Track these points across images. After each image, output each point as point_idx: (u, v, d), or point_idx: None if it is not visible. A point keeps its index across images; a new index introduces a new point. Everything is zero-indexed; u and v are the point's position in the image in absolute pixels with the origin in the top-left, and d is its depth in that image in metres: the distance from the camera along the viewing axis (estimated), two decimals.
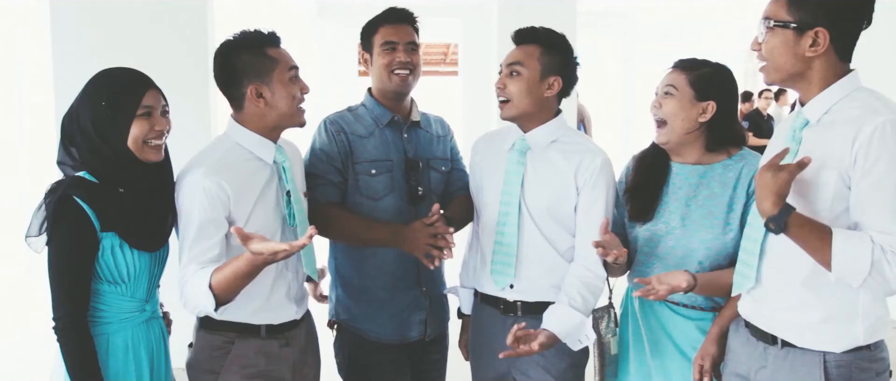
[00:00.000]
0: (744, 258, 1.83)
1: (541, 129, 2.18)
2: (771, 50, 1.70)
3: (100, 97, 1.84)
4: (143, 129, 1.84)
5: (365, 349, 2.36)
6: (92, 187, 1.82)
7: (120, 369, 1.86)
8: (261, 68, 1.97)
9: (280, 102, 1.99)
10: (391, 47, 2.34)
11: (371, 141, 2.34)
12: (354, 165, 2.30)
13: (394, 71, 2.33)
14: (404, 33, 2.36)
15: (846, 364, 1.68)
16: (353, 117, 2.38)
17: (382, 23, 2.37)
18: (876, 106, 1.62)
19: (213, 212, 1.89)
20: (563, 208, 2.14)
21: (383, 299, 2.34)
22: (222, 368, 1.99)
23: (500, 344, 2.19)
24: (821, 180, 1.64)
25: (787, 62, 1.69)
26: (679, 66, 2.05)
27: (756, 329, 1.81)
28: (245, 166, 1.99)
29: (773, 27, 1.69)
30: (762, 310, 1.79)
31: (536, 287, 2.18)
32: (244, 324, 2.00)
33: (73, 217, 1.78)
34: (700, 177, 2.04)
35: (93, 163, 1.84)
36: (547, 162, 2.16)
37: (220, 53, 2.01)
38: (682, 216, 2.03)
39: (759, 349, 1.80)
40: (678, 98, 2.00)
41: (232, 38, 2.02)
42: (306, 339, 2.17)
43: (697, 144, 2.05)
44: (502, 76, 2.17)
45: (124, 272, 1.85)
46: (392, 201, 2.32)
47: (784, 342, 1.75)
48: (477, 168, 2.33)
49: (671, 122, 2.02)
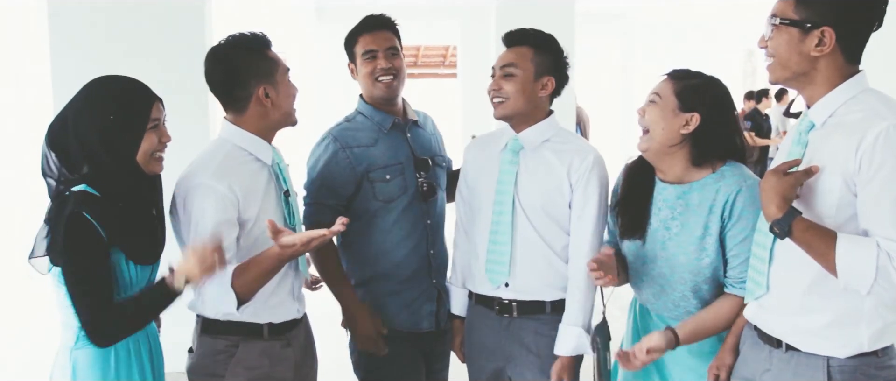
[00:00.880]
0: (755, 265, 1.81)
1: (533, 129, 2.19)
2: (776, 47, 1.69)
3: (106, 110, 1.80)
4: (152, 142, 1.83)
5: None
6: (97, 202, 1.78)
7: (123, 370, 1.85)
8: (266, 69, 2.00)
9: (284, 102, 2.04)
10: (371, 56, 2.38)
11: (378, 148, 2.36)
12: (368, 174, 2.33)
13: (377, 78, 2.37)
14: (383, 39, 2.39)
15: (851, 370, 1.65)
16: (353, 128, 2.39)
17: (360, 32, 2.41)
18: (880, 110, 1.59)
19: (226, 214, 1.91)
20: (558, 206, 2.16)
21: (397, 290, 2.39)
22: (227, 371, 1.99)
23: (495, 344, 2.20)
24: (825, 187, 1.62)
25: (793, 61, 1.67)
26: (670, 75, 2.00)
27: (762, 332, 1.80)
28: (247, 169, 2.00)
29: (780, 25, 1.68)
30: (767, 313, 1.78)
31: (531, 286, 2.18)
32: (247, 324, 2.00)
33: (88, 235, 1.73)
34: (677, 198, 1.98)
35: (92, 175, 1.80)
36: (540, 160, 2.18)
37: (222, 55, 2.00)
38: (663, 240, 1.99)
39: (765, 352, 1.79)
40: (660, 106, 1.95)
41: (231, 40, 2.00)
42: (305, 339, 2.20)
43: (680, 157, 1.97)
44: (496, 78, 2.19)
45: (126, 283, 1.83)
46: (405, 201, 2.36)
47: (788, 345, 1.73)
48: (469, 169, 2.34)
49: (652, 130, 1.96)
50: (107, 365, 1.82)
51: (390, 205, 2.35)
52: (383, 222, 2.36)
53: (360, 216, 2.35)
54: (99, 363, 1.81)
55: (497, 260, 2.18)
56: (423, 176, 2.41)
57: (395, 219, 2.36)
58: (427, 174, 2.42)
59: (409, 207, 2.37)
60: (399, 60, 2.41)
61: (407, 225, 2.38)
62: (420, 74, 13.58)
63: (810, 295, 1.68)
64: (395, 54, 2.40)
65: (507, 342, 2.21)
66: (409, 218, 2.37)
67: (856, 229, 1.60)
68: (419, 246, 2.40)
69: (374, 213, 2.35)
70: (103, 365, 1.81)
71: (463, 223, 2.35)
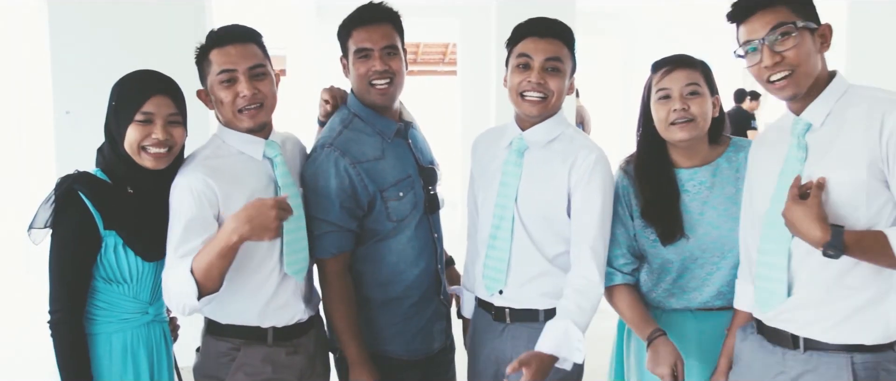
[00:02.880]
0: (768, 274, 1.74)
1: (541, 127, 2.07)
2: (800, 56, 1.65)
3: (113, 97, 1.87)
4: (138, 134, 1.83)
5: (391, 369, 2.19)
6: (100, 185, 1.83)
7: (117, 370, 1.85)
8: (203, 72, 1.99)
9: (219, 109, 1.98)
10: (365, 55, 2.07)
11: (386, 162, 2.11)
12: (381, 193, 2.08)
13: (371, 82, 2.08)
14: (379, 36, 2.07)
15: (873, 366, 1.63)
16: (355, 138, 2.10)
17: (354, 25, 2.09)
18: (883, 96, 1.62)
19: (200, 211, 1.84)
20: (558, 214, 2.05)
21: (408, 315, 2.20)
22: (228, 375, 1.95)
23: (490, 350, 2.17)
24: (850, 184, 1.61)
25: (816, 65, 1.67)
26: (684, 63, 1.99)
27: (774, 332, 1.75)
28: (233, 164, 1.95)
29: (801, 29, 1.65)
30: (783, 310, 1.73)
31: (524, 295, 2.10)
32: (251, 328, 1.96)
33: (75, 212, 1.78)
34: (712, 176, 2.00)
35: (105, 158, 1.88)
36: (544, 163, 2.07)
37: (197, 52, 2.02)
38: (711, 221, 1.98)
39: (777, 356, 1.75)
40: (704, 95, 1.97)
41: None
42: (315, 346, 2.11)
43: (704, 140, 2.03)
44: (538, 72, 1.99)
45: (126, 273, 1.84)
46: (416, 218, 2.16)
47: (807, 343, 1.69)
48: (475, 168, 2.28)
49: (700, 120, 1.96)
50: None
51: (402, 224, 2.13)
52: (396, 242, 2.14)
53: (368, 239, 2.13)
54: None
55: (494, 267, 2.12)
56: (432, 188, 2.22)
57: (408, 238, 2.15)
58: (433, 184, 2.24)
59: (419, 223, 2.17)
60: (397, 61, 2.11)
61: (418, 244, 2.17)
62: (419, 71, 13.55)
63: (838, 286, 1.65)
64: (393, 54, 2.10)
65: (502, 347, 2.16)
66: (420, 235, 2.17)
67: (891, 215, 1.60)
68: (430, 264, 2.21)
69: (386, 234, 2.13)
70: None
71: (469, 223, 2.31)
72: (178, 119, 1.89)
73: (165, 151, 1.86)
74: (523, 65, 2.03)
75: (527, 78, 2.01)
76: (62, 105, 3.92)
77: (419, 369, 2.25)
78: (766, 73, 1.68)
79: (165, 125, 1.85)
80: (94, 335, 1.83)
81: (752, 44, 1.69)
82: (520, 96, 2.04)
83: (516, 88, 2.04)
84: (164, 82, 1.88)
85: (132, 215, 1.84)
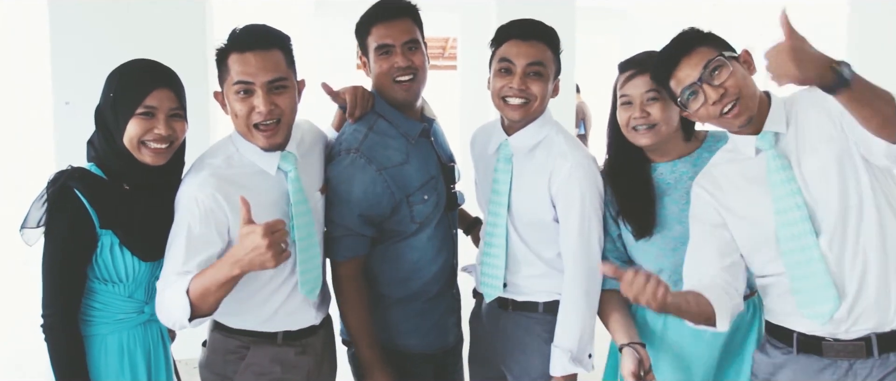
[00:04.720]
0: (811, 285, 1.68)
1: (524, 132, 2.05)
2: (740, 83, 1.69)
3: (110, 87, 1.77)
4: (139, 129, 1.74)
5: (407, 363, 2.18)
6: (95, 181, 1.75)
7: (113, 371, 1.79)
8: (221, 76, 1.89)
9: (232, 119, 1.89)
10: (386, 51, 2.04)
11: (412, 165, 2.07)
12: (407, 198, 2.06)
13: (395, 79, 2.05)
14: (400, 31, 2.05)
15: None
16: (381, 142, 2.05)
17: (374, 21, 2.06)
18: (797, 92, 1.71)
19: (204, 228, 1.74)
20: (547, 221, 2.04)
21: (424, 311, 2.18)
22: (236, 373, 1.92)
23: (493, 336, 2.18)
24: (831, 163, 1.65)
25: (755, 87, 1.72)
26: (646, 68, 1.91)
27: (830, 347, 1.69)
28: (245, 177, 1.84)
29: (729, 59, 1.69)
30: (842, 315, 1.66)
31: (526, 291, 2.12)
32: (260, 332, 1.93)
33: (70, 210, 1.70)
34: (693, 167, 1.97)
35: (97, 152, 1.79)
36: (529, 173, 2.06)
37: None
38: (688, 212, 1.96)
39: (841, 371, 1.69)
40: (665, 98, 1.90)
41: None
42: (323, 347, 2.08)
43: (677, 137, 2.00)
44: (520, 77, 1.97)
45: (122, 273, 1.77)
46: (438, 216, 2.14)
47: (883, 345, 1.65)
48: (475, 165, 2.28)
49: (662, 125, 1.93)
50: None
51: (424, 223, 2.11)
52: (417, 241, 2.12)
53: (390, 238, 2.11)
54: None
55: (491, 274, 2.13)
56: (453, 186, 2.20)
57: (428, 236, 2.12)
58: (453, 182, 2.22)
59: (440, 221, 2.15)
60: (420, 56, 2.08)
61: (437, 241, 2.15)
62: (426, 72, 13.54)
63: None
64: (414, 49, 2.07)
65: (499, 334, 2.17)
66: (440, 233, 2.15)
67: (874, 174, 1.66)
68: (448, 259, 2.20)
69: (410, 234, 2.10)
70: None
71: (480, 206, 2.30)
72: (180, 113, 1.80)
73: (166, 147, 1.78)
74: (505, 69, 2.00)
75: (508, 83, 1.99)
76: (62, 96, 3.91)
77: (434, 362, 2.24)
78: (716, 109, 1.70)
79: (168, 119, 1.77)
80: (89, 337, 1.77)
81: (690, 89, 1.71)
82: (502, 101, 2.02)
83: (498, 92, 2.02)
84: (166, 74, 1.81)
85: (129, 213, 1.76)
